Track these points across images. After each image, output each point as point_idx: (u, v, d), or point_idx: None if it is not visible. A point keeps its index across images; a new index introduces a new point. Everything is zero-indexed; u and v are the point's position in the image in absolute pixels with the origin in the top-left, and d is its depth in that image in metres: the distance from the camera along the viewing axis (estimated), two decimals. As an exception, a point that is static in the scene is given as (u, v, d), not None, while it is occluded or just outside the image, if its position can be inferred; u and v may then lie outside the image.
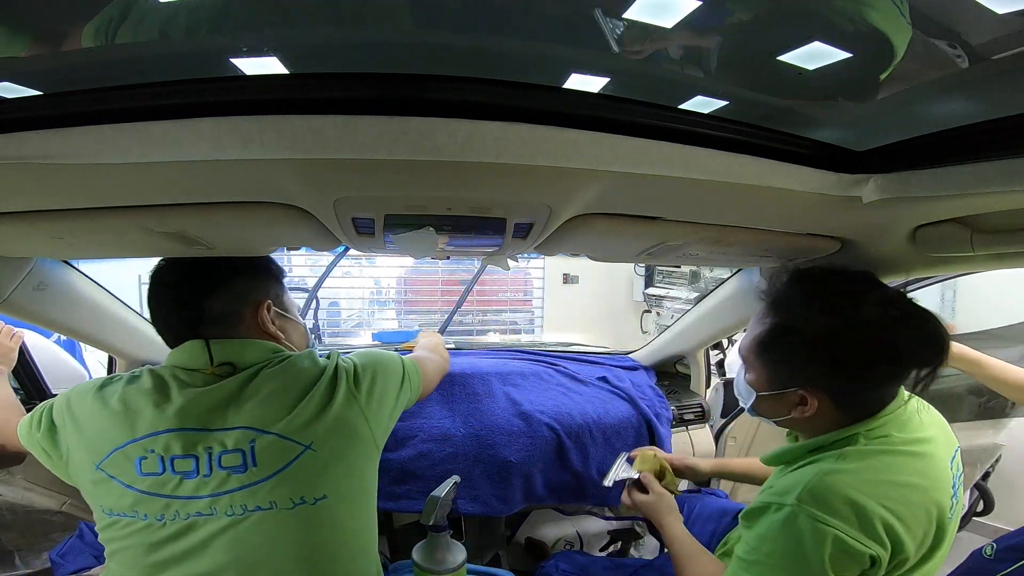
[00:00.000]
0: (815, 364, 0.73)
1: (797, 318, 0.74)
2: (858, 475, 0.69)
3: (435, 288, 4.28)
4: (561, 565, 1.20)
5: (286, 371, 0.81)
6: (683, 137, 0.57)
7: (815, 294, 0.75)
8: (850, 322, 0.70)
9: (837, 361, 0.71)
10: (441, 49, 0.51)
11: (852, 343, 0.70)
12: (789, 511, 0.68)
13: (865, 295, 0.72)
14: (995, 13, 0.40)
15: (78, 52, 0.48)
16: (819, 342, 0.72)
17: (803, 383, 0.75)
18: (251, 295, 0.87)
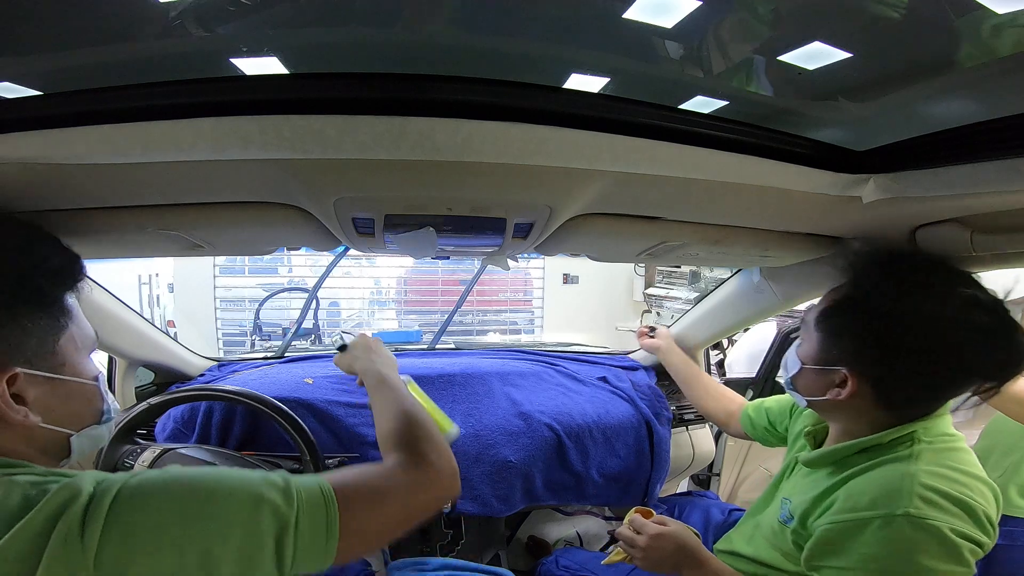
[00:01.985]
0: (867, 344, 0.68)
1: (867, 294, 0.69)
2: (947, 474, 0.65)
3: (435, 288, 4.28)
4: (562, 561, 1.20)
5: None
6: (683, 137, 0.57)
7: (899, 275, 0.67)
8: (924, 312, 0.64)
9: (892, 348, 0.66)
10: (441, 49, 0.52)
11: (917, 334, 0.64)
12: (902, 521, 0.62)
13: (953, 288, 0.65)
14: (995, 13, 0.40)
15: (78, 52, 0.48)
16: (881, 323, 0.66)
17: (850, 362, 0.70)
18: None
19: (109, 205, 0.69)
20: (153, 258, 3.62)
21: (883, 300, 0.67)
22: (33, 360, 0.50)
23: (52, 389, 0.52)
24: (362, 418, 1.27)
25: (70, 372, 0.54)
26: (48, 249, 0.55)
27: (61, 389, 0.53)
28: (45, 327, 0.51)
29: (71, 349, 0.54)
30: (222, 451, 1.11)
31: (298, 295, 3.74)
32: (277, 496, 0.48)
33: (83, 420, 0.56)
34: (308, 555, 0.49)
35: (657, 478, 1.38)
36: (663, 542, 0.83)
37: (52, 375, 0.52)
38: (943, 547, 0.61)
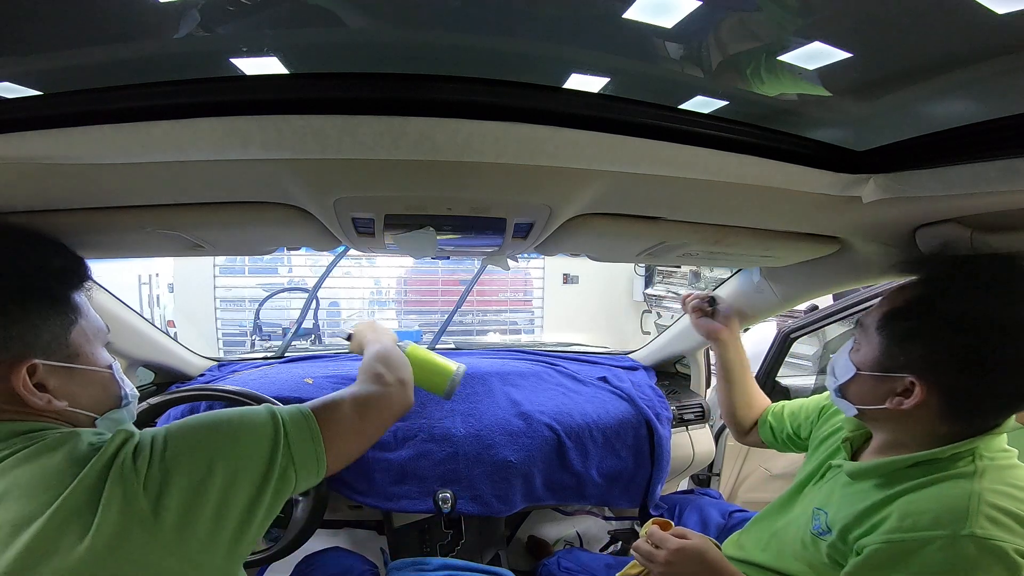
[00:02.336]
0: (943, 351, 0.63)
1: (944, 296, 0.63)
2: (1012, 492, 0.62)
3: (435, 288, 4.29)
4: (563, 563, 1.20)
5: (12, 473, 0.52)
6: (683, 137, 0.57)
7: (981, 278, 0.63)
8: (1009, 319, 0.60)
9: (971, 356, 0.61)
10: (441, 49, 0.52)
11: (1000, 343, 0.60)
12: (966, 542, 0.59)
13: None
14: (995, 13, 0.40)
15: (78, 52, 0.48)
16: (960, 329, 0.61)
17: (919, 370, 0.65)
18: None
19: (109, 205, 0.69)
20: (153, 258, 3.62)
21: (962, 304, 0.62)
22: (48, 352, 0.57)
23: (70, 377, 0.59)
24: (362, 418, 1.27)
25: (84, 361, 0.61)
26: (52, 252, 0.63)
27: (79, 377, 0.60)
28: (56, 322, 0.58)
29: (82, 341, 0.61)
30: (222, 451, 1.11)
31: (298, 295, 3.75)
32: (268, 421, 0.62)
33: (104, 405, 0.64)
34: (304, 462, 0.63)
35: (658, 479, 1.38)
36: (685, 556, 0.80)
37: (67, 364, 0.59)
38: (1008, 569, 0.58)
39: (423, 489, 1.24)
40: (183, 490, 0.53)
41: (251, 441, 0.60)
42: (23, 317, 0.56)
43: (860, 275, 1.06)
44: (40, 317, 0.57)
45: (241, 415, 0.62)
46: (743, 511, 1.26)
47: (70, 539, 0.49)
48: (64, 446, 0.54)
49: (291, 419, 0.64)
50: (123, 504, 0.51)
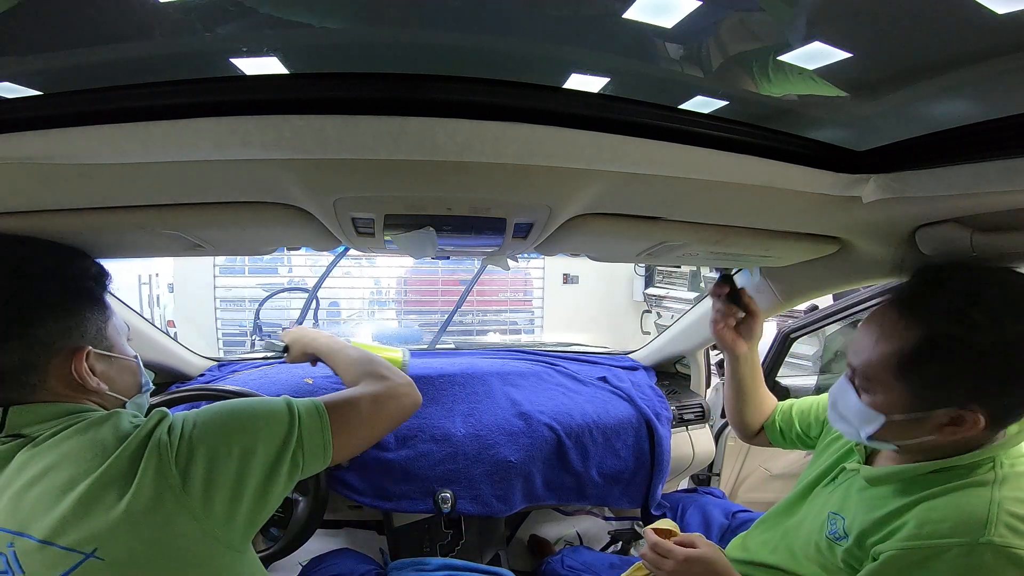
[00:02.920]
0: (984, 379, 0.62)
1: (958, 327, 0.62)
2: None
3: (435, 288, 4.29)
4: (567, 561, 1.20)
5: (64, 444, 0.59)
6: (683, 137, 0.57)
7: (977, 298, 0.62)
8: None
9: (1011, 375, 0.61)
10: (441, 49, 0.52)
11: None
12: (984, 549, 0.59)
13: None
14: (995, 13, 0.40)
15: (78, 52, 0.48)
16: (991, 354, 0.60)
17: (963, 401, 0.63)
18: (60, 340, 0.64)
19: (109, 205, 0.69)
20: (153, 258, 3.62)
21: (977, 328, 0.61)
22: (96, 342, 0.67)
23: (110, 365, 0.69)
24: (362, 418, 1.27)
25: (118, 351, 0.71)
26: (89, 260, 0.74)
27: (115, 365, 0.70)
28: (99, 317, 0.69)
29: (114, 334, 0.71)
30: (222, 451, 1.11)
31: (298, 295, 3.74)
32: (284, 411, 0.69)
33: (132, 390, 0.74)
34: (313, 450, 0.69)
35: (658, 479, 1.38)
36: (693, 567, 0.79)
37: (108, 353, 0.69)
38: None
39: (423, 489, 1.24)
40: (205, 463, 0.60)
41: (267, 426, 0.66)
42: (78, 313, 0.66)
43: (860, 275, 1.06)
44: (89, 313, 0.68)
45: (261, 402, 0.70)
46: (747, 511, 1.25)
47: (110, 499, 0.56)
48: (108, 422, 0.62)
49: (306, 412, 0.70)
50: (157, 473, 0.58)
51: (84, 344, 0.66)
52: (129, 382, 0.73)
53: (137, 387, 0.75)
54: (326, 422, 0.71)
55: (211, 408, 0.67)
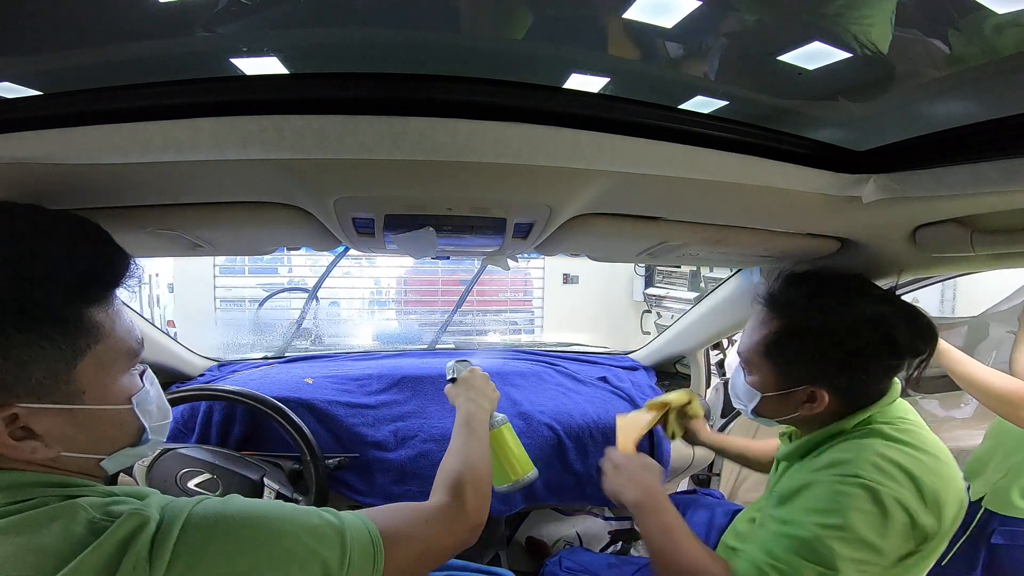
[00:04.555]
0: (824, 361, 0.76)
1: (803, 319, 0.77)
2: (904, 449, 0.71)
3: (435, 288, 4.28)
4: (565, 563, 1.20)
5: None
6: (683, 137, 0.57)
7: (816, 295, 0.77)
8: (853, 319, 0.74)
9: (845, 356, 0.74)
10: (441, 49, 0.52)
11: (857, 339, 0.73)
12: (852, 481, 0.68)
13: (861, 294, 0.76)
14: (995, 13, 0.40)
15: (78, 52, 0.48)
16: (827, 340, 0.74)
17: (812, 380, 0.77)
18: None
19: (109, 205, 0.69)
20: (153, 258, 3.62)
21: (816, 319, 0.75)
22: (39, 393, 0.43)
23: (70, 419, 0.46)
24: (362, 418, 1.27)
25: (93, 400, 0.47)
26: (62, 256, 0.45)
27: (82, 418, 0.46)
28: (53, 355, 0.43)
29: (93, 373, 0.46)
30: (222, 451, 1.11)
31: (298, 295, 3.74)
32: (334, 542, 0.49)
33: (116, 444, 0.51)
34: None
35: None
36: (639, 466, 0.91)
37: (67, 406, 0.45)
38: (878, 509, 0.66)
39: (423, 489, 1.23)
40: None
41: (308, 558, 0.47)
42: (2, 354, 0.41)
43: (860, 275, 1.06)
44: (28, 351, 0.42)
45: (304, 524, 0.49)
46: None
47: None
48: (56, 520, 0.41)
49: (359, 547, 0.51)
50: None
51: (6, 402, 0.42)
52: (109, 435, 0.50)
53: (128, 438, 0.51)
54: (379, 563, 0.52)
55: (223, 512, 0.46)
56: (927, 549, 0.69)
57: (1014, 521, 1.19)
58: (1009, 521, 1.19)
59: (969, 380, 1.10)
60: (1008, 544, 1.19)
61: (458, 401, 0.91)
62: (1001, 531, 1.20)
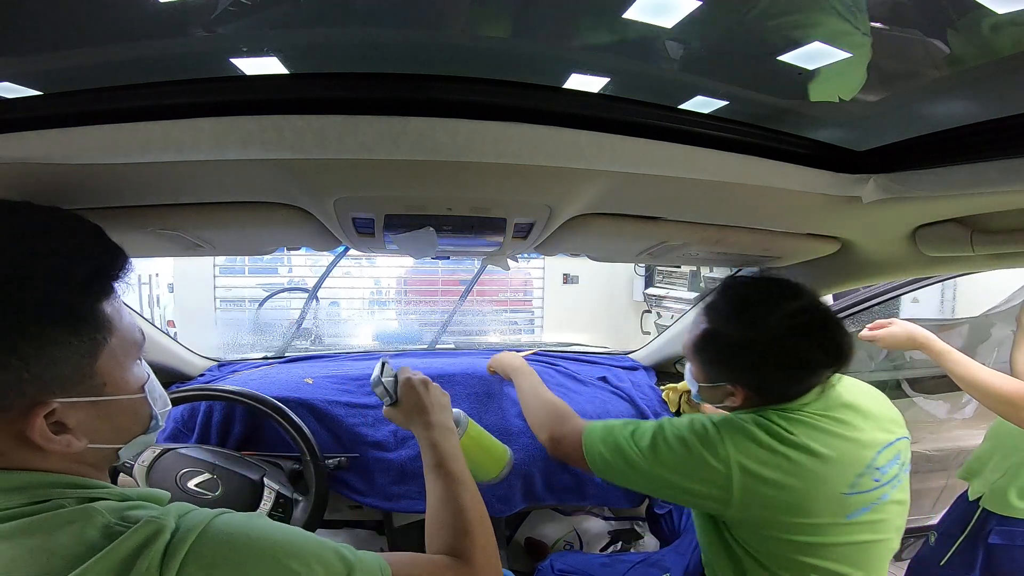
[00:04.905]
0: (736, 366, 0.83)
1: (721, 325, 0.83)
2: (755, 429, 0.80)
3: (435, 288, 4.28)
4: (557, 565, 1.20)
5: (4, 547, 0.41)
6: (683, 137, 0.57)
7: (736, 304, 0.83)
8: (760, 332, 0.79)
9: (753, 364, 0.81)
10: (441, 49, 0.52)
11: (765, 350, 0.79)
12: (700, 420, 0.84)
13: (777, 306, 0.79)
14: (995, 13, 0.40)
15: (78, 52, 0.48)
16: (737, 348, 0.81)
17: (729, 379, 0.85)
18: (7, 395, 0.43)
19: (109, 205, 0.69)
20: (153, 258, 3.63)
21: (731, 328, 0.81)
22: (69, 388, 0.45)
23: (96, 411, 0.48)
24: (362, 418, 1.27)
25: (113, 391, 0.49)
26: (76, 253, 0.46)
27: (105, 409, 0.49)
28: (79, 350, 0.45)
29: (112, 366, 0.48)
30: (222, 451, 1.11)
31: (298, 295, 3.74)
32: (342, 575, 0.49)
33: (131, 433, 0.53)
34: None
35: (658, 478, 1.38)
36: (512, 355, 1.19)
37: (94, 399, 0.47)
38: (697, 437, 0.80)
39: (423, 489, 1.23)
40: None
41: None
42: (37, 352, 0.43)
43: (860, 275, 1.06)
44: (60, 347, 0.44)
45: (317, 555, 0.49)
46: None
47: None
48: (71, 524, 0.42)
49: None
50: None
51: (44, 397, 0.44)
52: (125, 425, 0.52)
53: (140, 427, 0.54)
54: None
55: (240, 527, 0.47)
56: (682, 493, 0.81)
57: (1012, 521, 1.19)
58: (1007, 521, 1.19)
59: (969, 381, 1.11)
60: (1006, 544, 1.20)
61: (414, 430, 0.77)
62: (999, 531, 1.20)
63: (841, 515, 0.78)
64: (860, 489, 0.79)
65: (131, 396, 0.51)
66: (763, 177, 0.62)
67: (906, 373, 1.88)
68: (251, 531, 0.47)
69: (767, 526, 0.80)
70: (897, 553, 2.33)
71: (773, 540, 0.80)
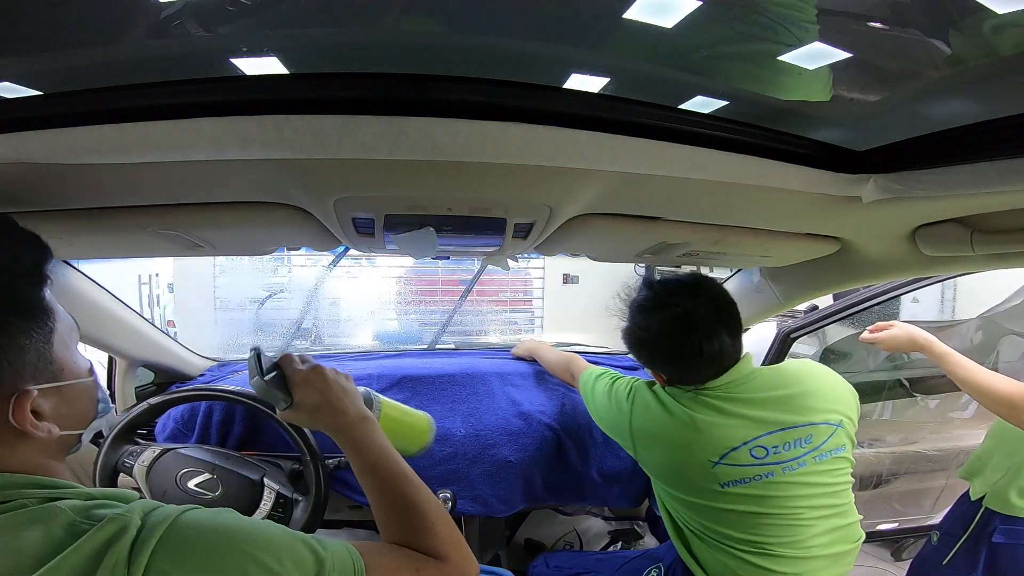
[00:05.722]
0: (643, 356, 1.01)
1: (628, 323, 1.01)
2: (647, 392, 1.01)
3: (435, 288, 4.28)
4: (551, 562, 1.21)
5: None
6: (683, 137, 0.57)
7: (634, 306, 1.00)
8: (644, 333, 0.96)
9: (647, 356, 1.00)
10: (441, 49, 0.51)
11: (648, 347, 0.98)
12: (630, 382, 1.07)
13: (658, 312, 0.95)
14: (995, 13, 0.40)
15: (78, 52, 0.48)
16: (636, 343, 0.99)
17: (647, 365, 1.03)
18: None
19: (109, 205, 0.69)
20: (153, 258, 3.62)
21: (631, 327, 1.00)
22: (38, 375, 0.47)
23: (60, 397, 0.49)
24: (362, 418, 1.27)
25: (69, 375, 0.51)
26: (19, 245, 0.48)
27: (68, 394, 0.50)
28: (40, 337, 0.47)
29: (63, 351, 0.50)
30: (222, 451, 1.11)
31: (298, 295, 3.74)
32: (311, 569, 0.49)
33: (88, 418, 0.54)
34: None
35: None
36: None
37: (57, 384, 0.49)
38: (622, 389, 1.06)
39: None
40: None
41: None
42: (9, 341, 0.45)
43: (860, 275, 1.06)
44: (24, 336, 0.46)
45: (286, 547, 0.49)
46: None
47: None
48: (37, 522, 0.42)
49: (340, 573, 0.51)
50: None
51: (20, 385, 0.45)
52: (84, 409, 0.53)
53: (93, 411, 0.55)
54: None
55: (208, 523, 0.46)
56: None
57: (1016, 520, 1.19)
58: (1011, 520, 1.20)
59: (970, 383, 1.11)
60: (1010, 543, 1.20)
61: (327, 431, 0.67)
62: (1002, 530, 1.21)
63: (714, 482, 0.90)
64: (733, 462, 0.89)
65: (84, 380, 0.53)
66: (763, 177, 0.62)
67: (906, 373, 1.88)
68: (219, 525, 0.46)
69: (661, 479, 1.00)
70: (898, 553, 2.33)
71: (667, 494, 1.00)
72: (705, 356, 0.91)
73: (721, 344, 0.92)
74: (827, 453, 0.92)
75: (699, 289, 0.95)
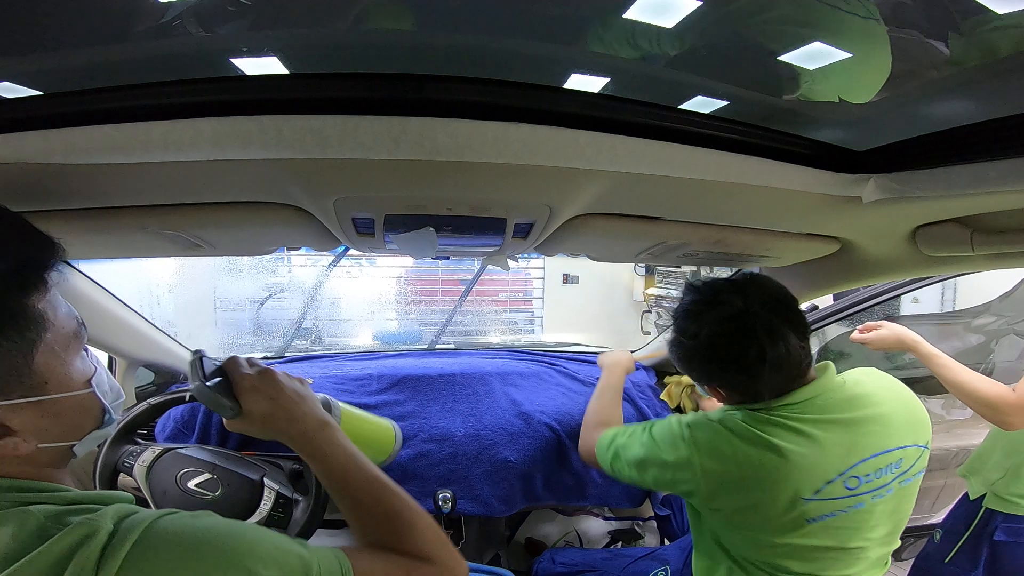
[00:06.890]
0: (695, 368, 0.88)
1: (676, 332, 0.88)
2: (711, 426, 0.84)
3: (435, 288, 4.28)
4: (558, 558, 1.20)
5: None
6: (683, 137, 0.57)
7: (680, 312, 0.88)
8: (696, 340, 0.84)
9: (701, 367, 0.87)
10: (441, 49, 0.52)
11: (702, 356, 0.85)
12: (675, 421, 0.90)
13: (707, 315, 0.83)
14: (995, 13, 0.40)
15: (78, 52, 0.48)
16: (689, 352, 0.86)
17: (698, 380, 0.92)
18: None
19: (109, 205, 0.69)
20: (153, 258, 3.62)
21: (680, 336, 0.86)
22: (7, 390, 0.44)
23: (40, 411, 0.46)
24: (362, 418, 1.27)
25: (56, 388, 0.47)
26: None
27: (51, 408, 0.47)
28: (10, 349, 0.43)
29: (51, 362, 0.46)
30: (222, 451, 1.11)
31: (298, 295, 3.74)
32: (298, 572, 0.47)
33: (83, 429, 0.51)
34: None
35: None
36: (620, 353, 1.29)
37: (35, 398, 0.45)
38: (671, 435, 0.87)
39: (423, 489, 1.24)
40: None
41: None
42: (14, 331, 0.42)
43: (860, 275, 1.06)
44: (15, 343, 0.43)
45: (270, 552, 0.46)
46: None
47: None
48: (5, 528, 0.41)
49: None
50: None
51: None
52: (77, 422, 0.50)
53: (94, 422, 0.52)
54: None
55: (186, 529, 0.44)
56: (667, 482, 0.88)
57: (1017, 519, 1.19)
58: (1012, 519, 1.20)
59: (954, 383, 1.11)
60: (1011, 541, 1.20)
61: (284, 440, 0.63)
62: (1004, 528, 1.21)
63: (800, 518, 0.78)
64: (827, 496, 0.77)
65: (76, 393, 0.49)
66: (763, 177, 0.62)
67: (906, 373, 1.88)
68: (198, 531, 0.44)
69: (731, 523, 0.85)
70: (899, 552, 2.32)
71: (729, 528, 0.86)
72: (770, 361, 0.77)
73: (788, 346, 0.78)
74: (912, 477, 0.83)
75: (751, 285, 0.82)
